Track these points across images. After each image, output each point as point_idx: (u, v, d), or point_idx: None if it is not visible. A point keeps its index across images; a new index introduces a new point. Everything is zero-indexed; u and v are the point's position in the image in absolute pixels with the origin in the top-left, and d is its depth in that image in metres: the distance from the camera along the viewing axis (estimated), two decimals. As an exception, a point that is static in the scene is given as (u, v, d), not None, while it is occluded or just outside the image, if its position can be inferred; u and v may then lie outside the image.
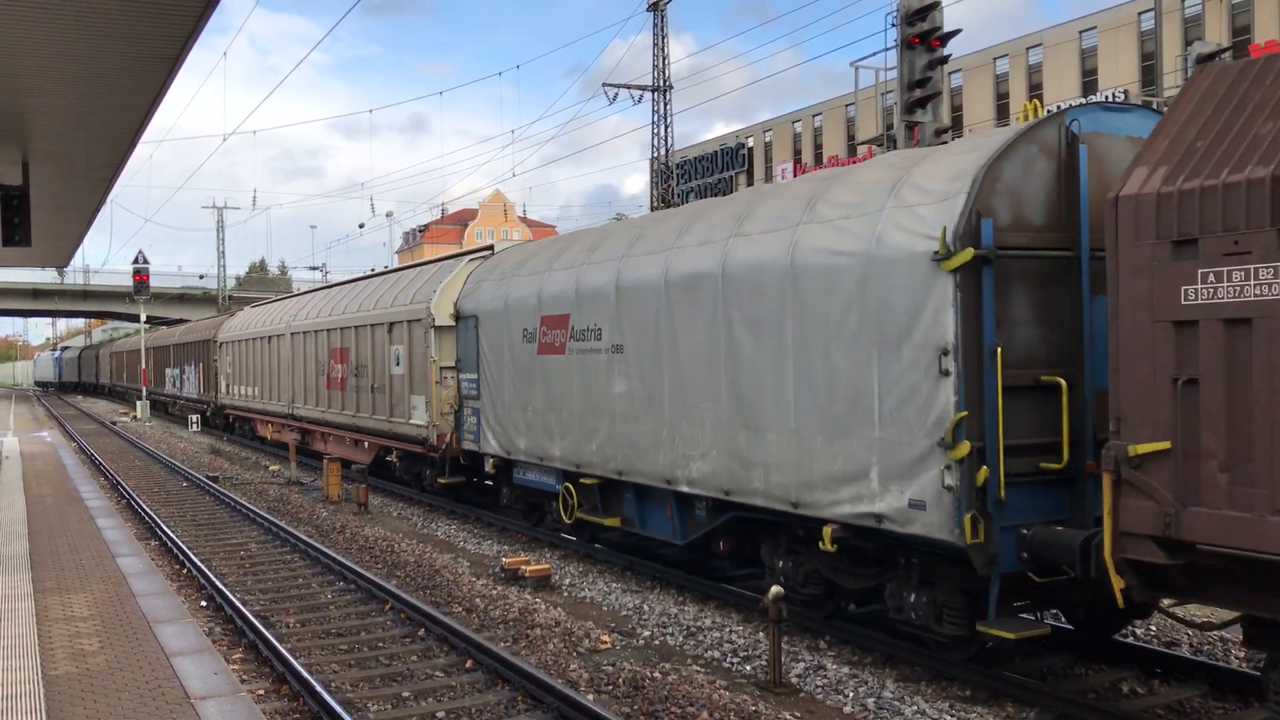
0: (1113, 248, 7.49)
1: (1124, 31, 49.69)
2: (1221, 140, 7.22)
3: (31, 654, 8.47)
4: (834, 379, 9.96)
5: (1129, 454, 7.25)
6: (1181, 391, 7.06)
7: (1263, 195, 6.63)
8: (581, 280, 14.46)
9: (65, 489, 19.40)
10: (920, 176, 9.58)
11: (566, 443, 14.84)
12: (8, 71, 10.42)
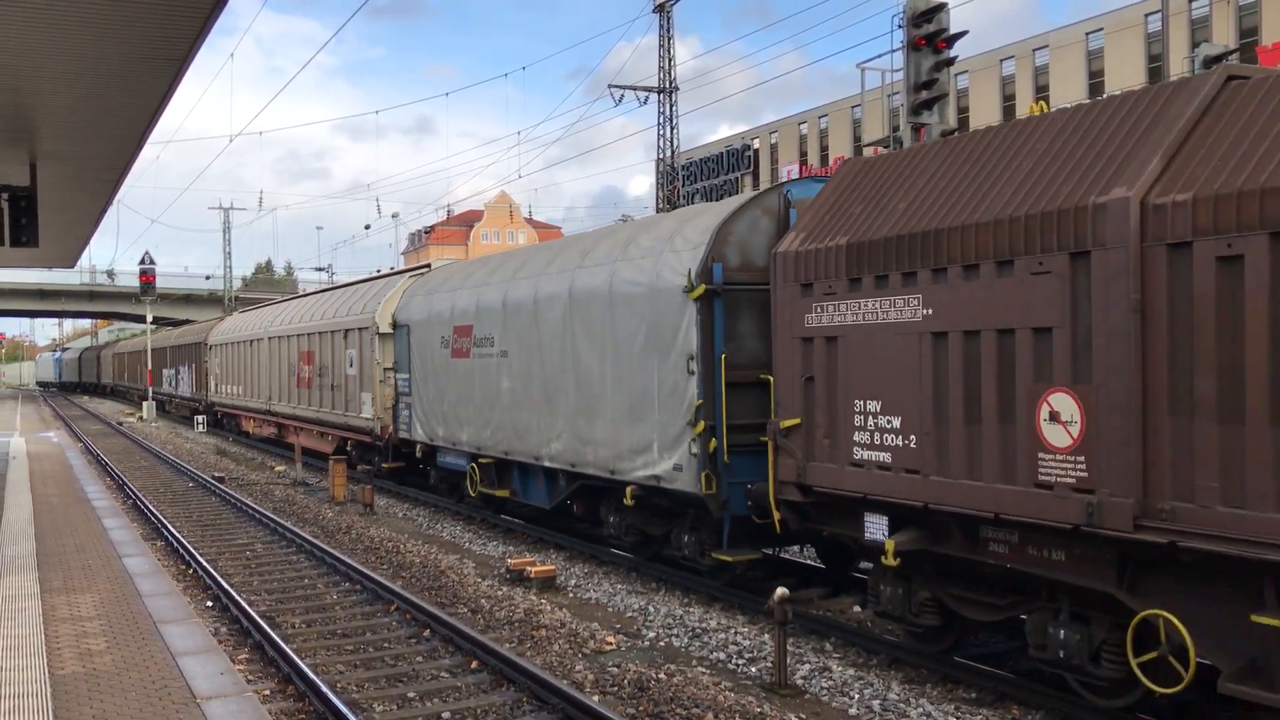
0: (773, 287, 10.75)
1: (1131, 33, 49.62)
2: (833, 215, 10.37)
3: (38, 654, 8.49)
4: (633, 378, 13.40)
5: (780, 427, 10.60)
6: (805, 385, 10.35)
7: (840, 256, 9.88)
8: (480, 298, 17.79)
9: (72, 489, 19.44)
10: (686, 229, 12.95)
11: (471, 430, 18.08)
12: (15, 73, 10.44)
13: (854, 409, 9.84)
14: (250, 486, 24.43)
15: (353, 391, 24.60)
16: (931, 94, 17.81)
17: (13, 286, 79.91)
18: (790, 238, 10.74)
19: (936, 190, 9.34)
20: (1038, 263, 8.02)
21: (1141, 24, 48.92)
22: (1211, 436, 7.01)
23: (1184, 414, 7.18)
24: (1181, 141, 7.46)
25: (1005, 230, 8.31)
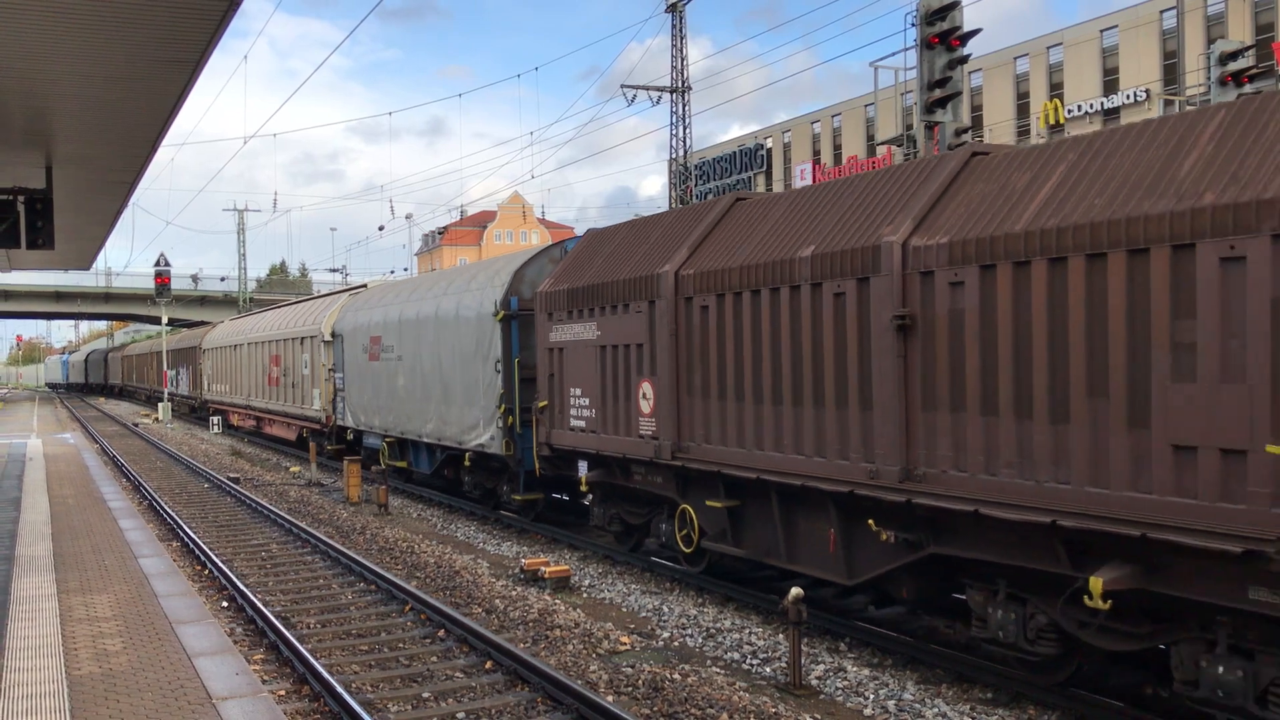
0: (537, 313, 15.69)
1: (1145, 30, 49.37)
2: (567, 269, 15.33)
3: (56, 654, 8.52)
4: (469, 376, 18.75)
5: (538, 407, 15.54)
6: (550, 379, 15.31)
7: (564, 296, 14.85)
8: (386, 315, 23.14)
9: (88, 490, 19.53)
10: (501, 272, 18.33)
11: (381, 417, 23.49)
12: (32, 77, 10.50)
13: (570, 394, 14.88)
14: (265, 487, 24.52)
15: (306, 389, 29.75)
16: (945, 92, 17.74)
17: (29, 289, 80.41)
18: (546, 282, 15.72)
19: (612, 256, 14.42)
20: (634, 305, 13.27)
21: (1157, 21, 48.68)
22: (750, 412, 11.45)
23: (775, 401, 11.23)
24: (930, 207, 9.53)
25: (622, 286, 13.52)
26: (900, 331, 9.40)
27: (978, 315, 8.76)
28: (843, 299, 10.11)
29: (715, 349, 11.84)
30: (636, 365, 13.23)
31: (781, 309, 10.89)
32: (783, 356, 10.88)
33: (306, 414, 29.50)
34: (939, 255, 9.09)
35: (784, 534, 11.41)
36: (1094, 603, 7.72)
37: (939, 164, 9.96)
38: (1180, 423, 7.30)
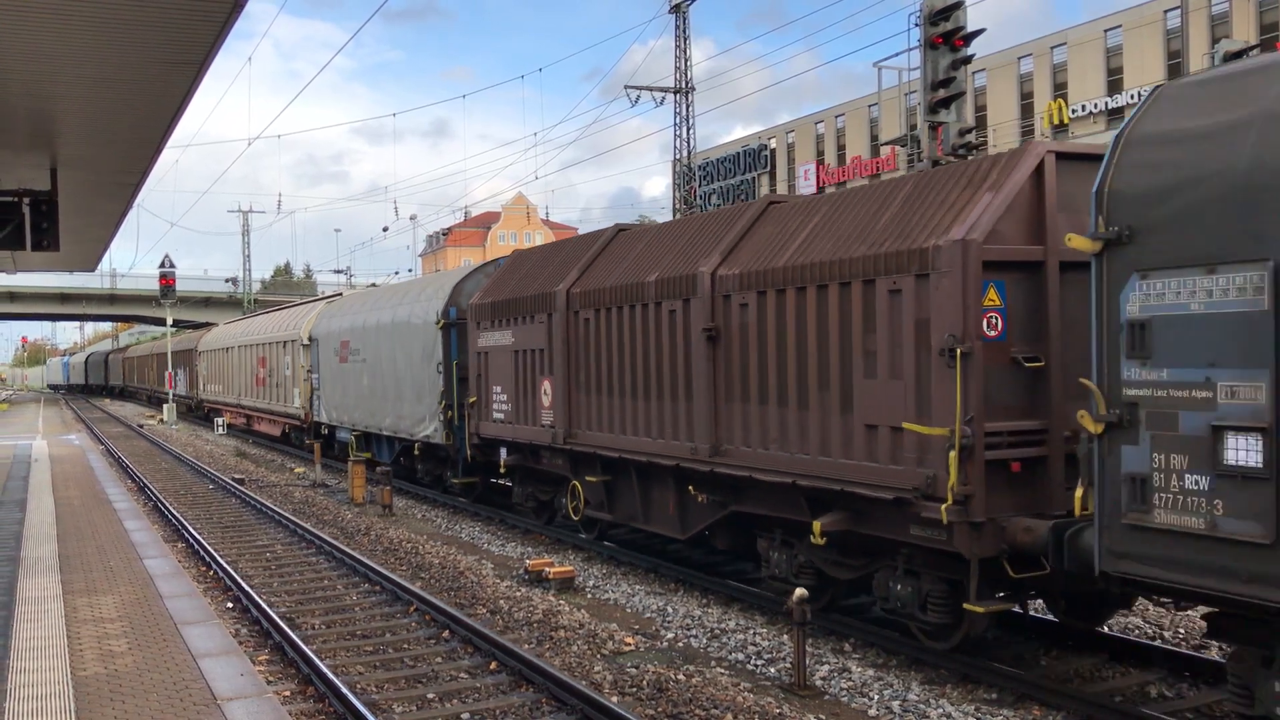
0: (469, 321, 18.46)
1: (1150, 29, 49.30)
2: (494, 284, 18.12)
3: (61, 655, 8.54)
4: (417, 377, 21.56)
5: (469, 403, 18.48)
6: (478, 379, 17.95)
7: (489, 308, 17.63)
8: (353, 322, 26.01)
9: (93, 491, 19.56)
10: (444, 286, 21.13)
11: (349, 413, 26.28)
12: (36, 78, 10.52)
13: (492, 391, 17.70)
14: (270, 488, 24.54)
15: (288, 388, 32.34)
16: (949, 92, 17.74)
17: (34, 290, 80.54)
18: (476, 295, 18.70)
19: (526, 275, 17.15)
20: (538, 316, 16.08)
21: (1161, 20, 48.60)
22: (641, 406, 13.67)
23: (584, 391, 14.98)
24: (737, 243, 12.13)
25: (530, 301, 16.26)
26: (709, 340, 12.12)
27: (755, 329, 11.40)
28: (675, 314, 12.86)
29: (594, 354, 14.69)
30: (540, 366, 16.12)
31: (637, 322, 13.65)
32: (638, 360, 13.63)
33: (288, 411, 32.45)
34: (733, 283, 11.73)
35: (641, 501, 14.26)
36: (816, 539, 10.42)
37: (746, 210, 12.68)
38: (868, 408, 9.94)
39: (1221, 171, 6.90)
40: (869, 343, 9.92)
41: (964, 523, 8.92)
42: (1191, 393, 7.01)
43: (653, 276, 13.25)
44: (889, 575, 10.20)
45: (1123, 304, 7.39)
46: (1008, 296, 9.17)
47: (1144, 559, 7.30)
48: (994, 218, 9.07)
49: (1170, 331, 7.12)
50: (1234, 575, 6.79)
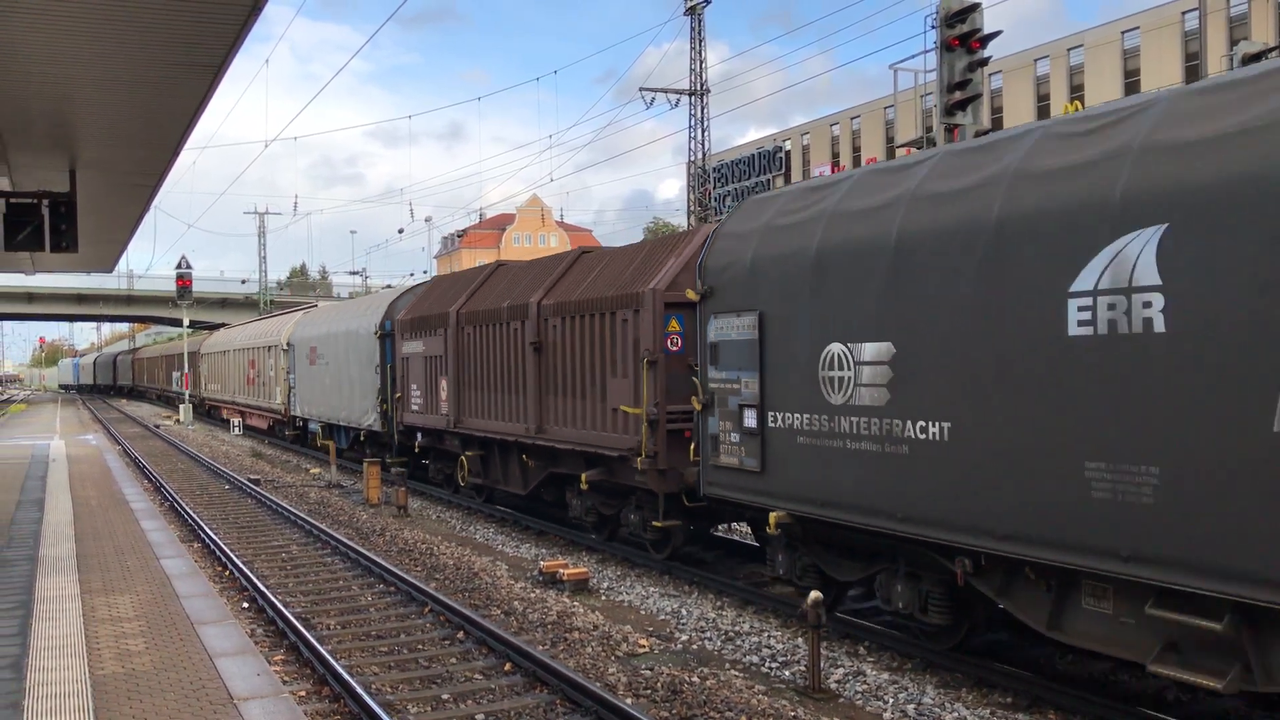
0: (395, 333, 23.59)
1: (1168, 31, 49.09)
2: (417, 301, 23.40)
3: (79, 654, 8.59)
4: (363, 377, 26.01)
5: (395, 398, 23.61)
6: (401, 379, 23.11)
7: (410, 323, 22.47)
8: (318, 330, 31.04)
9: (110, 491, 19.67)
10: (383, 304, 25.52)
11: (316, 407, 31.17)
12: (57, 81, 10.59)
13: (410, 389, 22.44)
14: (286, 489, 24.63)
15: (271, 387, 37.35)
16: (965, 95, 17.70)
17: (52, 291, 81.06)
18: (401, 312, 23.62)
19: (436, 298, 22.14)
20: (439, 330, 20.68)
21: (1179, 22, 48.38)
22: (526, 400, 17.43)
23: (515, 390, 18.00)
24: (556, 282, 16.88)
25: (434, 319, 20.85)
26: (535, 351, 16.90)
27: (561, 343, 16.17)
28: (516, 331, 17.63)
29: (473, 360, 19.48)
30: (440, 369, 20.91)
31: (496, 337, 18.42)
32: (496, 364, 18.47)
33: (272, 407, 37.60)
34: (549, 310, 16.56)
35: (501, 469, 19.20)
36: (583, 485, 15.44)
37: (566, 257, 17.62)
38: (612, 397, 14.71)
39: (741, 259, 11.54)
40: (613, 354, 14.77)
41: (654, 470, 13.70)
42: (732, 385, 11.70)
43: (506, 303, 18.12)
44: (629, 509, 15.17)
45: (709, 331, 12.07)
46: (685, 325, 13.83)
47: (717, 484, 12.03)
48: (674, 274, 13.85)
49: (724, 349, 11.82)
50: (746, 490, 11.54)
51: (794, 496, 10.71)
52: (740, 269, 11.48)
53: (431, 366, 21.30)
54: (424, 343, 21.62)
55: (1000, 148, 8.95)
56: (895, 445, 9.31)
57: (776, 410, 10.91)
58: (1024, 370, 8.15)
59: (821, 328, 10.21)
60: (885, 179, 10.03)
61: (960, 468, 8.74)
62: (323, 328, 30.56)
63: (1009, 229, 8.31)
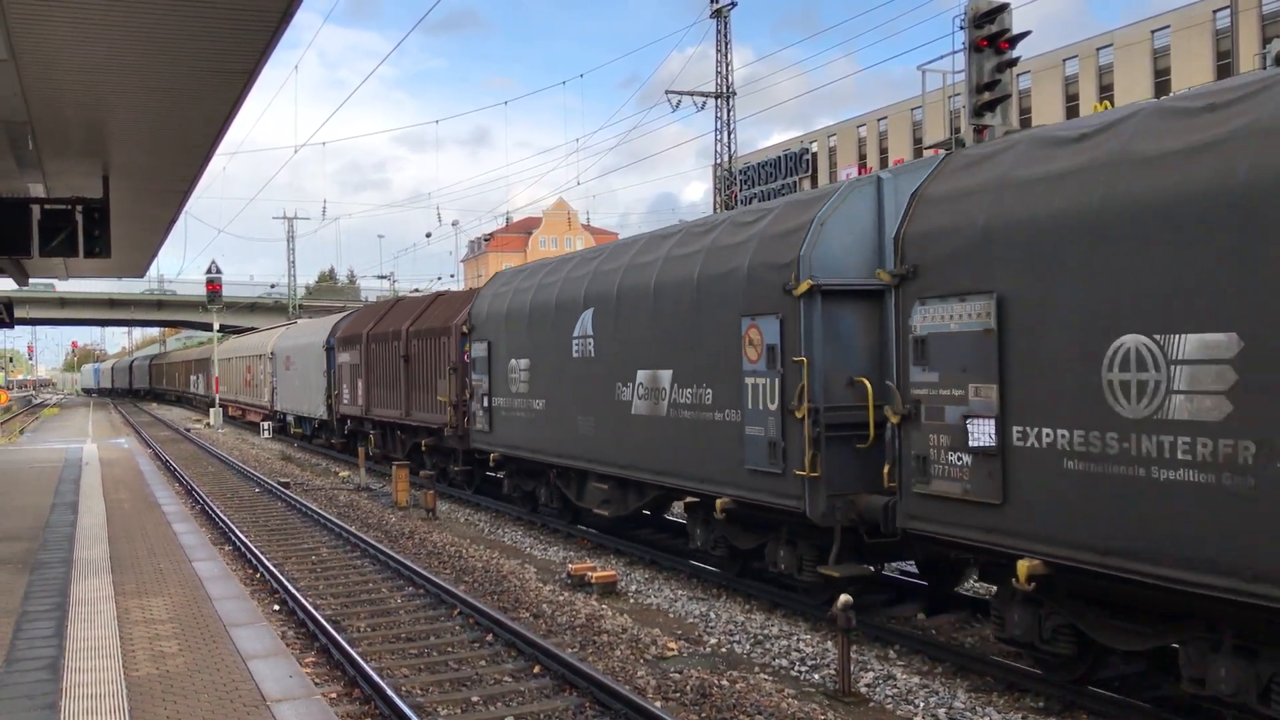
0: (336, 346, 33.41)
1: (1198, 30, 48.63)
2: (352, 323, 32.83)
3: (114, 655, 8.68)
4: (317, 380, 35.40)
5: (334, 394, 33.91)
6: (339, 381, 32.50)
7: (343, 339, 32.04)
8: (289, 344, 40.22)
9: (142, 494, 19.85)
10: (329, 323, 35.81)
11: (291, 404, 39.65)
12: (91, 88, 10.71)
13: (344, 388, 31.05)
14: (315, 492, 24.79)
15: (261, 388, 46.55)
16: (994, 95, 17.57)
17: (84, 296, 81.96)
18: (340, 331, 32.18)
19: (363, 319, 30.93)
20: (358, 345, 29.71)
21: (1210, 21, 47.92)
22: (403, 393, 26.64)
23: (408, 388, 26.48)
24: (419, 314, 26.18)
25: (358, 335, 29.75)
26: (405, 361, 25.30)
27: (416, 356, 24.58)
28: (395, 347, 25.85)
29: (376, 366, 27.78)
30: (359, 374, 29.23)
31: (388, 350, 26.78)
32: (389, 370, 26.83)
33: (261, 404, 46.83)
34: (411, 334, 24.07)
35: (389, 443, 27.97)
36: (423, 451, 24.80)
37: (430, 296, 26.25)
38: (440, 391, 22.90)
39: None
40: (439, 365, 23.21)
41: (454, 436, 22.39)
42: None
43: (391, 328, 27.07)
44: (449, 461, 23.86)
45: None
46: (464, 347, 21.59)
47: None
48: (465, 315, 21.29)
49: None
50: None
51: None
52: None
53: (354, 372, 30.42)
54: (350, 354, 30.84)
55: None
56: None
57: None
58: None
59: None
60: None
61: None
62: (293, 341, 40.24)
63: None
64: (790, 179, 70.92)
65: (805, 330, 11.02)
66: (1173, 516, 7.28)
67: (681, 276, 13.48)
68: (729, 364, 12.36)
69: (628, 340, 14.74)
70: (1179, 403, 7.23)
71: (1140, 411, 7.48)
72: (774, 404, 11.49)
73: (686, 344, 13.33)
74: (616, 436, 15.12)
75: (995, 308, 8.64)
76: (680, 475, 13.59)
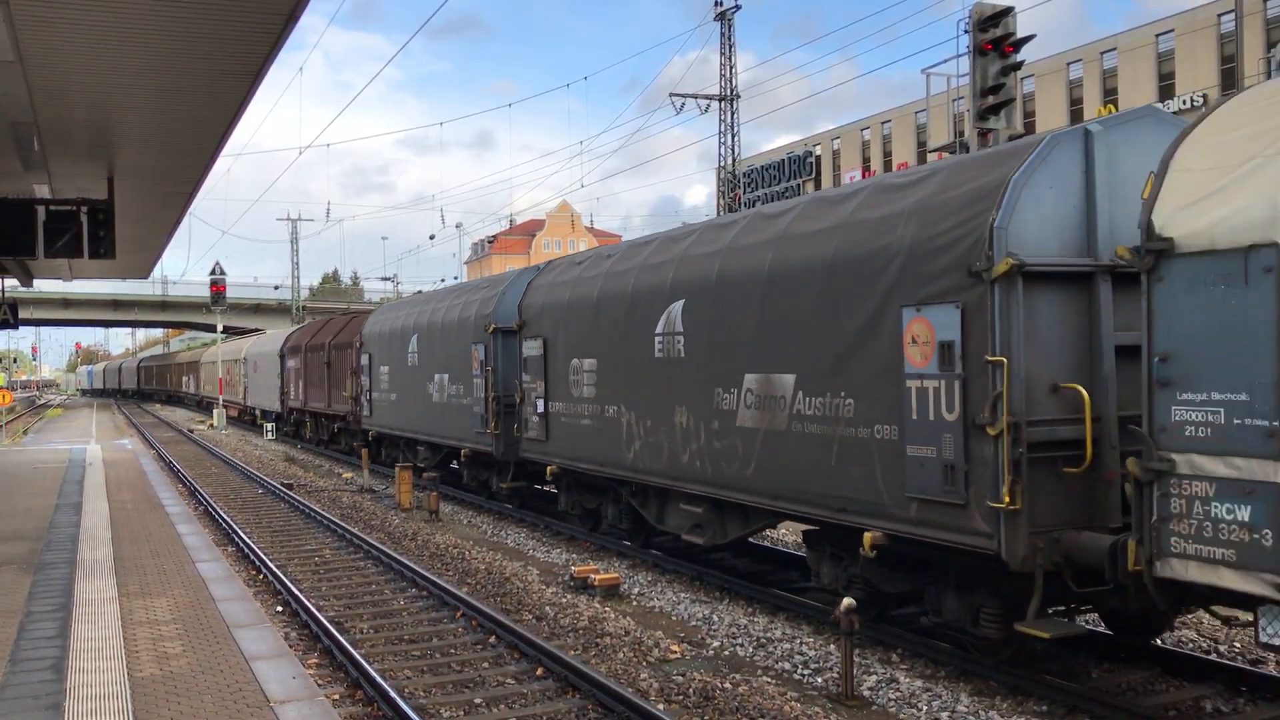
0: (285, 354, 43.02)
1: (1203, 34, 48.59)
2: (297, 335, 41.85)
3: (118, 656, 8.69)
4: (273, 381, 45.04)
5: (285, 392, 45.18)
6: (286, 381, 43.35)
7: (291, 347, 41.66)
8: (255, 351, 50.46)
9: (146, 495, 19.88)
10: (281, 335, 47.31)
11: (257, 399, 49.26)
12: (97, 90, 10.74)
13: (288, 385, 41.21)
14: (318, 493, 24.80)
15: (237, 388, 54.69)
16: (998, 99, 17.59)
17: (88, 297, 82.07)
18: (289, 342, 41.60)
19: (304, 333, 40.30)
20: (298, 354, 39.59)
21: (1214, 25, 47.88)
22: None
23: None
24: (339, 330, 35.37)
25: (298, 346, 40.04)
26: (327, 366, 34.12)
27: (333, 363, 33.51)
28: (321, 355, 34.84)
29: (310, 370, 36.08)
30: (299, 376, 37.62)
31: (318, 358, 35.01)
32: (318, 373, 35.09)
33: (237, 401, 54.92)
34: (331, 345, 33.57)
35: (320, 429, 37.21)
36: (335, 430, 35.69)
37: (346, 318, 36.29)
38: (347, 389, 31.90)
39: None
40: (346, 367, 31.60)
41: (355, 421, 30.91)
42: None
43: (320, 341, 34.87)
44: (324, 429, 36.47)
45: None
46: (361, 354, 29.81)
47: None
48: (357, 334, 30.47)
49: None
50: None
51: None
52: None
53: (297, 374, 38.99)
54: (295, 361, 39.35)
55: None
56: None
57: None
58: None
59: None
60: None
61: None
62: (259, 350, 49.00)
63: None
64: (794, 181, 70.93)
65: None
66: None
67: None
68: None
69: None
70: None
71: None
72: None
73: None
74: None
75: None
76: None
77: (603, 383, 15.53)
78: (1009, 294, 8.70)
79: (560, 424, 16.97)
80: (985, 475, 8.82)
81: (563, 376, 16.73)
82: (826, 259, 10.78)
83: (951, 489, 9.13)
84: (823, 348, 10.76)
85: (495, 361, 19.35)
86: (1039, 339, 8.82)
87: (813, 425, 10.92)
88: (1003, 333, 8.72)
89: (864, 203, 10.77)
